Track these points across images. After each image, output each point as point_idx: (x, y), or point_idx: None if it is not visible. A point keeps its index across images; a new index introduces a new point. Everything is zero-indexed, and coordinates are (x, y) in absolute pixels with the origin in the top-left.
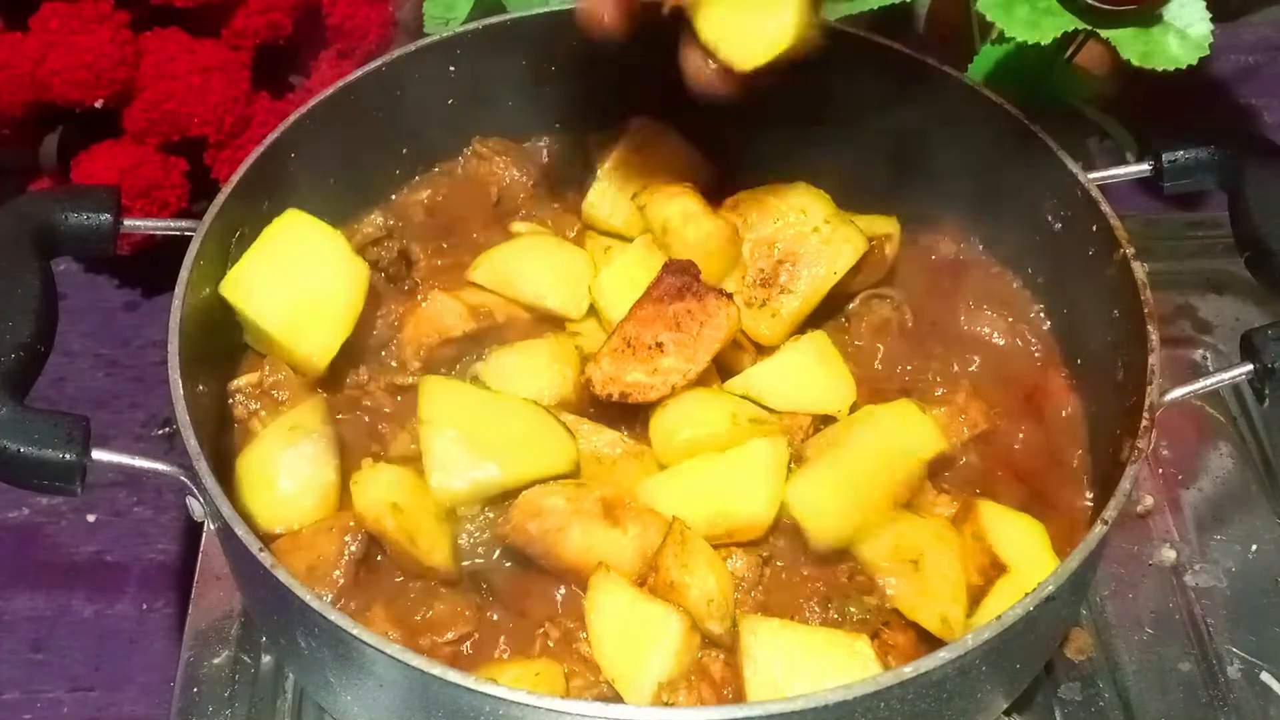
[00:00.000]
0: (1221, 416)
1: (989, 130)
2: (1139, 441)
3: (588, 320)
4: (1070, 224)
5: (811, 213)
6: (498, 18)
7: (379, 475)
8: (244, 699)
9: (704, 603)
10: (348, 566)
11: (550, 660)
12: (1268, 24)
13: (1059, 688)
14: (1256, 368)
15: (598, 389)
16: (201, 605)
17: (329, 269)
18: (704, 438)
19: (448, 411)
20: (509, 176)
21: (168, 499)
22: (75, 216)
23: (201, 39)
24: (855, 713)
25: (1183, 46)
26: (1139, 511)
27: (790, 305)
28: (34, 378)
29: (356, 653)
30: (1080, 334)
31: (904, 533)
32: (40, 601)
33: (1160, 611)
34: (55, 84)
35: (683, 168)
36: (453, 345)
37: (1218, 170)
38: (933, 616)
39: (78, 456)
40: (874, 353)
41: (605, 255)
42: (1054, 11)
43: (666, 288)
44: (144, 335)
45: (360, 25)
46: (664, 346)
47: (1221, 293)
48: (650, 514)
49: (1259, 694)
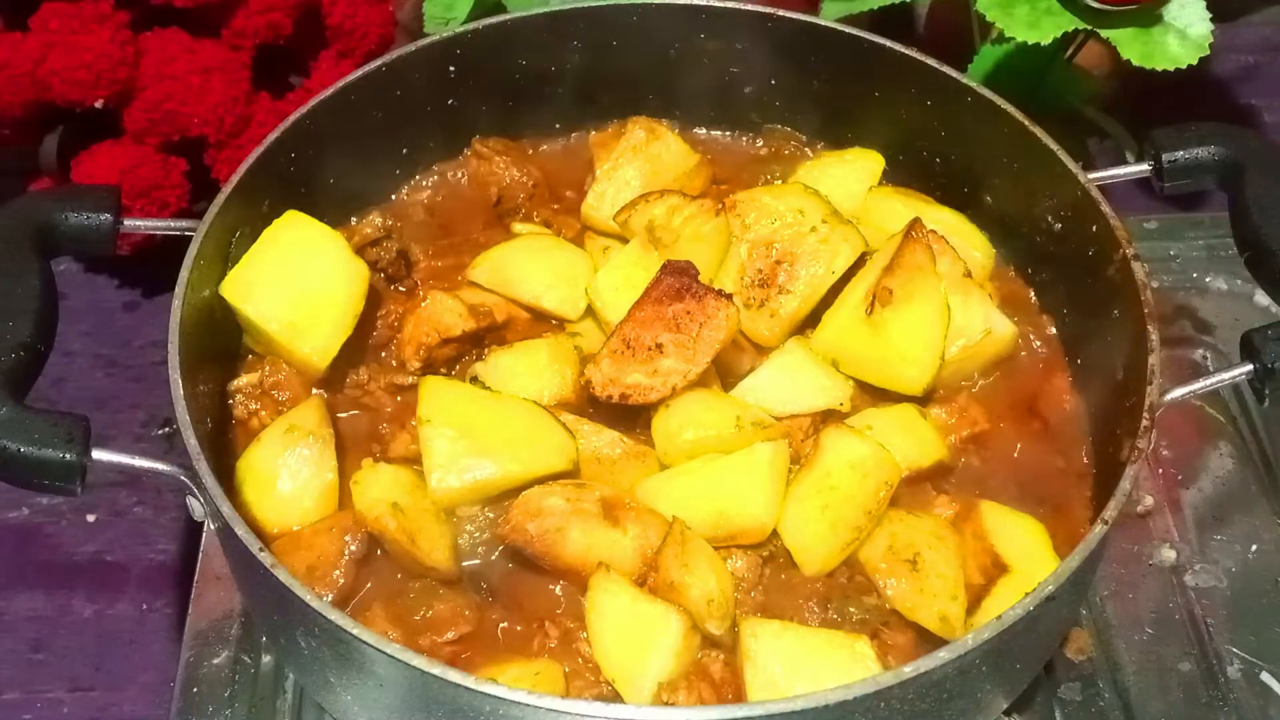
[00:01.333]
0: (1221, 416)
1: (989, 130)
2: (1139, 441)
3: (586, 320)
4: (1070, 224)
5: (809, 213)
6: (498, 18)
7: (379, 475)
8: (244, 699)
9: (704, 603)
10: (348, 566)
11: (550, 660)
12: (1268, 24)
13: (1059, 688)
14: (1256, 368)
15: (598, 390)
16: (201, 605)
17: (329, 270)
18: (708, 440)
19: (448, 411)
20: (509, 176)
21: (168, 499)
22: (75, 216)
23: (201, 39)
24: (855, 713)
25: (1183, 46)
26: (1139, 511)
27: (789, 305)
28: (34, 378)
29: (356, 653)
30: (1080, 334)
31: (899, 533)
32: (40, 601)
33: (1160, 611)
34: (55, 84)
35: (682, 168)
36: (453, 345)
37: (1218, 170)
38: (932, 615)
39: (78, 456)
40: None
41: (603, 256)
42: (1054, 11)
43: (666, 289)
44: (144, 335)
45: (360, 25)
46: (664, 348)
47: (1221, 293)
48: (650, 514)
49: (1259, 694)
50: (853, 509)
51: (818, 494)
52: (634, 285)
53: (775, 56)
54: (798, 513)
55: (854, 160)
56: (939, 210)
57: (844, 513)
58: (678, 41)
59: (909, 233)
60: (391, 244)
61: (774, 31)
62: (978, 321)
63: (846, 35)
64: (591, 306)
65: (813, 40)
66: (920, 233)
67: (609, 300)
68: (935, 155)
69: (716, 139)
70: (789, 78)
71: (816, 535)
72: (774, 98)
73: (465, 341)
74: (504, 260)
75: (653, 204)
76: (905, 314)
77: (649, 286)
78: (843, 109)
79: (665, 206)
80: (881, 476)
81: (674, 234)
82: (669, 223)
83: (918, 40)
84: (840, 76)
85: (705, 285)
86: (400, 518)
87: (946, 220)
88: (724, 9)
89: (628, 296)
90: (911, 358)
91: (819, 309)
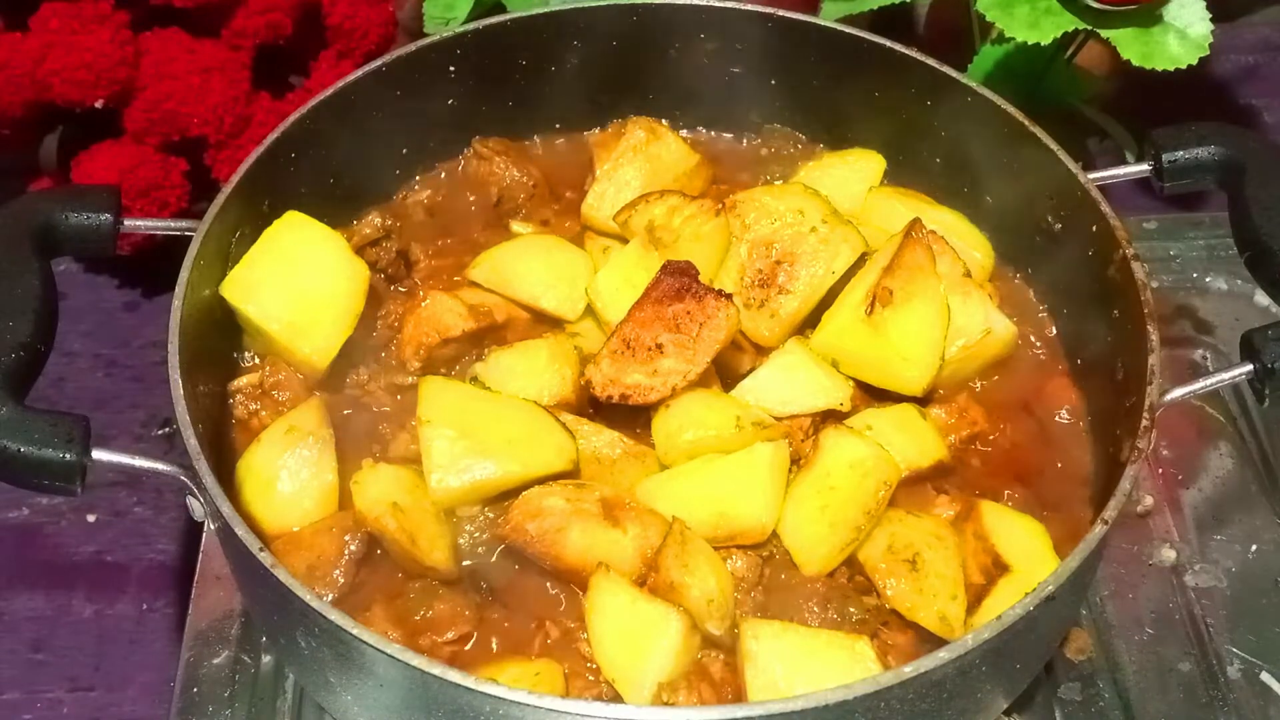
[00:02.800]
0: (1221, 416)
1: (989, 130)
2: (1139, 441)
3: (586, 320)
4: (1070, 224)
5: (809, 213)
6: (498, 18)
7: (379, 475)
8: (244, 699)
9: (704, 603)
10: (348, 566)
11: (550, 660)
12: (1268, 24)
13: (1059, 688)
14: (1256, 368)
15: (598, 391)
16: (201, 605)
17: (329, 270)
18: (708, 440)
19: (448, 411)
20: (509, 176)
21: (168, 499)
22: (75, 216)
23: (201, 39)
24: (855, 713)
25: (1183, 46)
26: (1139, 511)
27: (789, 306)
28: (34, 378)
29: (356, 653)
30: (1080, 334)
31: (899, 533)
32: (40, 601)
33: (1160, 611)
34: (55, 84)
35: (682, 168)
36: (452, 345)
37: (1218, 170)
38: (931, 615)
39: (78, 456)
40: None
41: (603, 256)
42: (1054, 11)
43: (666, 289)
44: (144, 335)
45: (360, 25)
46: (664, 348)
47: (1221, 293)
48: (650, 514)
49: (1259, 694)
50: (852, 509)
51: (817, 494)
52: (634, 285)
53: (775, 56)
54: (797, 513)
55: (855, 161)
56: (939, 210)
57: (843, 513)
58: (678, 41)
59: (909, 233)
60: (391, 244)
61: (774, 31)
62: (978, 321)
63: (846, 35)
64: (591, 306)
65: (813, 40)
66: (920, 233)
67: (609, 300)
68: (935, 155)
69: (716, 139)
70: (789, 78)
71: (816, 535)
72: (774, 98)
73: (465, 342)
74: (503, 260)
75: (653, 204)
76: (905, 314)
77: (649, 287)
78: (843, 109)
79: (665, 206)
80: (881, 477)
81: (674, 234)
82: (669, 223)
83: (918, 40)
84: (840, 76)
85: (705, 285)
86: (400, 517)
87: (946, 220)
88: (724, 9)
89: (628, 296)
90: (911, 358)
91: (819, 309)
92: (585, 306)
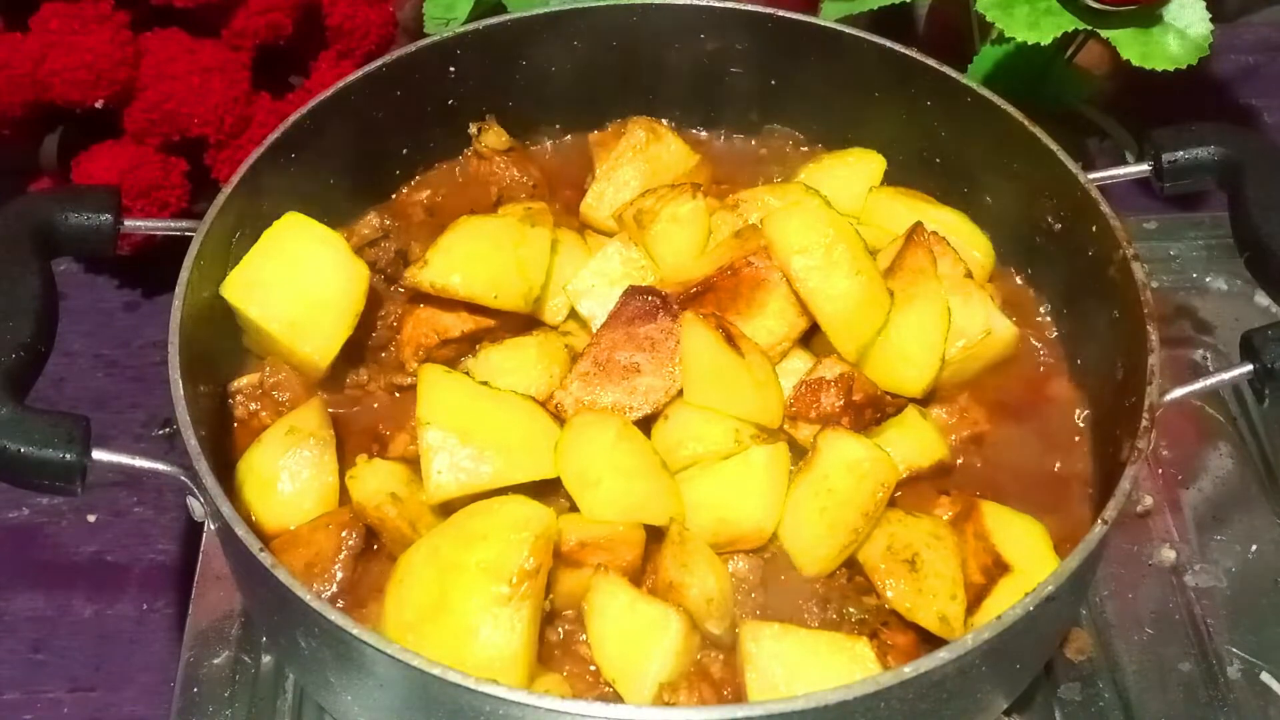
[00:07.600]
0: (1221, 416)
1: (989, 131)
2: (1139, 441)
3: (575, 320)
4: (1070, 224)
5: None
6: (498, 18)
7: (376, 469)
8: (244, 699)
9: (704, 603)
10: (346, 561)
11: (550, 660)
12: (1268, 24)
13: (1059, 688)
14: (1256, 368)
15: (569, 415)
16: (201, 605)
17: (329, 270)
18: (707, 454)
19: (447, 412)
20: (509, 176)
21: (168, 499)
22: (75, 216)
23: (201, 39)
24: (855, 713)
25: (1183, 46)
26: (1139, 511)
27: None
28: (34, 378)
29: (356, 652)
30: (1080, 334)
31: (898, 534)
32: (40, 601)
33: (1160, 611)
34: (55, 84)
35: (682, 168)
36: (451, 346)
37: (1218, 170)
38: (931, 615)
39: (78, 456)
40: None
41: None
42: (1054, 11)
43: (635, 310)
44: (144, 335)
45: (360, 25)
46: (640, 367)
47: (1221, 293)
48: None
49: (1259, 694)
50: (850, 510)
51: (815, 496)
52: (611, 281)
53: (775, 57)
54: (796, 515)
55: (856, 161)
56: (940, 210)
57: (842, 514)
58: (678, 41)
59: (910, 236)
60: (391, 244)
61: (774, 31)
62: (978, 322)
63: (846, 35)
64: (573, 309)
65: (813, 40)
66: (922, 236)
67: (591, 303)
68: (935, 155)
69: (716, 139)
70: (789, 78)
71: (815, 537)
72: (774, 98)
73: (464, 342)
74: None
75: (646, 198)
76: (906, 316)
77: (615, 309)
78: (843, 109)
79: (653, 197)
80: (878, 478)
81: (653, 215)
82: (652, 207)
83: (918, 40)
84: (840, 76)
85: (677, 302)
86: (400, 506)
87: (947, 220)
88: (724, 9)
89: (609, 294)
90: (912, 358)
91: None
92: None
